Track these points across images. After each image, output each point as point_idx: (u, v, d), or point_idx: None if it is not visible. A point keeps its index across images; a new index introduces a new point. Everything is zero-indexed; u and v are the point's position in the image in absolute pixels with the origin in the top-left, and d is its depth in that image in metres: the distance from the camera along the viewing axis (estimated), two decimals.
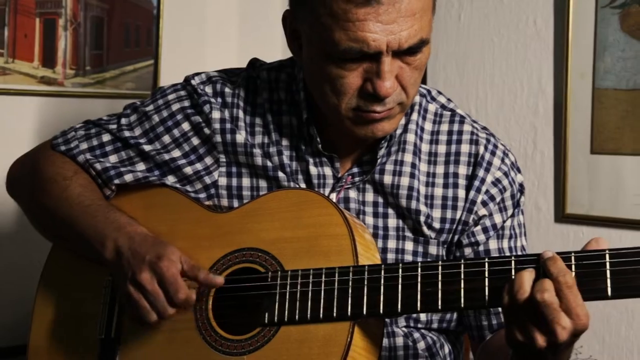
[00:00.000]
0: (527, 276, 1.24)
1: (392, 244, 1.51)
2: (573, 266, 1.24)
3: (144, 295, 1.42)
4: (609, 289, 1.22)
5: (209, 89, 1.58)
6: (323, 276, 1.36)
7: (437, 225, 1.52)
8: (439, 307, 1.30)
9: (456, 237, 1.53)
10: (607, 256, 1.23)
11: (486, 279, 1.28)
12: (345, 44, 1.34)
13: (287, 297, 1.38)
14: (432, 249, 1.52)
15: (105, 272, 1.53)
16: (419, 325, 1.53)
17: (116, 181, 1.56)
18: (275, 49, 2.79)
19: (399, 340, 1.51)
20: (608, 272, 1.22)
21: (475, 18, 2.46)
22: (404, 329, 1.52)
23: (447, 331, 1.58)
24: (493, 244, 1.54)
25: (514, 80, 2.40)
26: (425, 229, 1.51)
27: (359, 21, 1.33)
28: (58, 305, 1.59)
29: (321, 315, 1.35)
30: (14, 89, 2.27)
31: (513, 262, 1.27)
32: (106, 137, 1.60)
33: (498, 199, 1.55)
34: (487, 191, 1.54)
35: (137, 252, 1.44)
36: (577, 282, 1.22)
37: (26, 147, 1.75)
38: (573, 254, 1.25)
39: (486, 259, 1.29)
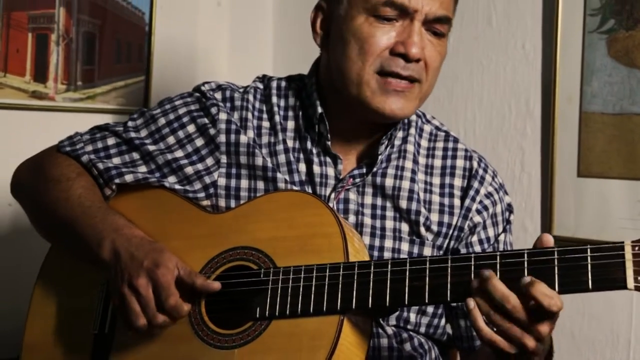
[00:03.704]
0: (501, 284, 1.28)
1: (388, 243, 1.57)
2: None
3: (137, 299, 1.45)
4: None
5: (218, 95, 1.65)
6: (314, 272, 1.40)
7: (435, 228, 1.58)
8: (426, 301, 1.34)
9: (452, 243, 1.57)
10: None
11: (472, 273, 1.31)
12: None
13: (279, 292, 1.41)
14: (427, 251, 1.57)
15: (103, 267, 1.55)
16: (408, 327, 1.56)
17: (117, 180, 1.61)
18: (265, 65, 2.81)
19: (384, 342, 1.53)
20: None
21: (464, 41, 2.48)
22: (393, 328, 1.54)
23: (434, 340, 1.60)
24: None
25: (502, 103, 2.42)
26: (423, 230, 1.57)
27: None
28: (54, 301, 1.62)
29: (311, 309, 1.38)
30: (5, 103, 2.27)
31: (498, 256, 1.30)
32: (111, 141, 1.66)
33: (491, 211, 1.62)
34: (480, 201, 1.61)
35: (134, 256, 1.47)
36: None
37: (16, 162, 1.76)
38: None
39: (472, 254, 1.33)
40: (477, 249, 1.58)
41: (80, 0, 2.39)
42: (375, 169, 1.58)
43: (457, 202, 1.61)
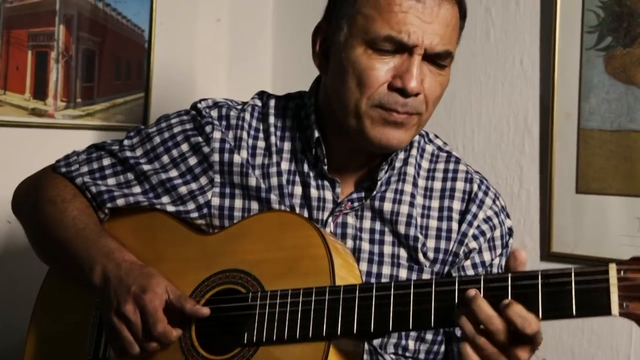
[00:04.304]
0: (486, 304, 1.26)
1: (386, 270, 1.54)
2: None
3: (128, 326, 1.45)
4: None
5: (214, 113, 1.63)
6: (301, 296, 1.39)
7: (431, 255, 1.56)
8: (410, 327, 1.33)
9: (446, 268, 1.56)
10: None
11: (456, 298, 1.30)
12: (386, 32, 1.43)
13: (266, 317, 1.41)
14: (426, 278, 1.54)
15: (95, 292, 1.55)
16: (407, 354, 1.55)
17: (108, 205, 1.61)
18: (264, 81, 2.82)
19: None
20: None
21: (462, 57, 2.49)
22: (392, 355, 1.53)
23: None
24: None
25: (501, 119, 2.43)
26: (421, 256, 1.55)
27: (402, 12, 1.43)
28: (51, 326, 1.63)
29: (297, 335, 1.38)
30: (4, 120, 2.28)
31: (482, 280, 1.29)
32: (107, 161, 1.65)
33: (488, 236, 1.59)
34: (478, 226, 1.58)
35: (123, 282, 1.47)
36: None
37: (16, 179, 1.76)
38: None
39: (456, 278, 1.31)
40: (470, 273, 1.56)
41: (80, 18, 2.40)
42: (374, 193, 1.56)
43: (454, 226, 1.58)
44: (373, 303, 1.34)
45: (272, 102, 1.65)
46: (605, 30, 2.19)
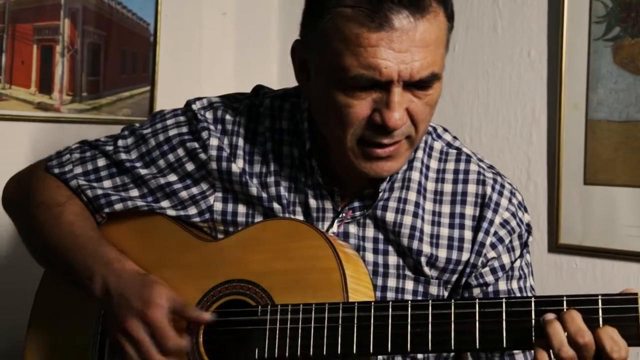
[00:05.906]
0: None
1: (392, 282, 1.49)
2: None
3: (133, 343, 1.41)
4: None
5: (209, 115, 1.56)
6: (313, 312, 1.34)
7: (441, 264, 1.49)
8: (429, 349, 1.29)
9: (463, 279, 1.51)
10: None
11: (477, 322, 1.27)
12: (356, 71, 1.31)
13: (277, 332, 1.36)
14: (433, 289, 1.50)
15: (96, 302, 1.51)
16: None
17: (106, 210, 1.55)
18: (271, 76, 2.81)
19: None
20: (600, 319, 1.21)
21: (469, 49, 2.48)
22: None
23: None
24: (502, 285, 1.51)
25: (508, 111, 2.42)
26: (426, 269, 1.49)
27: (371, 47, 1.29)
28: (50, 336, 1.58)
29: (311, 353, 1.34)
30: (10, 114, 2.27)
31: (504, 304, 1.26)
32: (101, 162, 1.59)
33: (507, 241, 1.52)
34: (495, 233, 1.51)
35: (123, 296, 1.42)
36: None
37: None
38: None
39: (477, 300, 1.28)
40: (490, 278, 1.50)
41: (85, 11, 2.40)
42: (376, 202, 1.49)
43: (467, 234, 1.50)
44: (390, 323, 1.30)
45: (267, 102, 1.56)
46: (613, 20, 2.17)
